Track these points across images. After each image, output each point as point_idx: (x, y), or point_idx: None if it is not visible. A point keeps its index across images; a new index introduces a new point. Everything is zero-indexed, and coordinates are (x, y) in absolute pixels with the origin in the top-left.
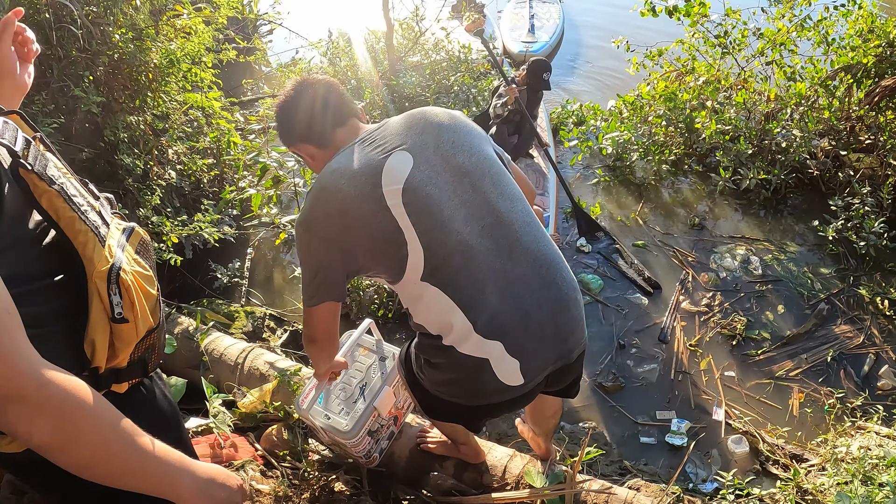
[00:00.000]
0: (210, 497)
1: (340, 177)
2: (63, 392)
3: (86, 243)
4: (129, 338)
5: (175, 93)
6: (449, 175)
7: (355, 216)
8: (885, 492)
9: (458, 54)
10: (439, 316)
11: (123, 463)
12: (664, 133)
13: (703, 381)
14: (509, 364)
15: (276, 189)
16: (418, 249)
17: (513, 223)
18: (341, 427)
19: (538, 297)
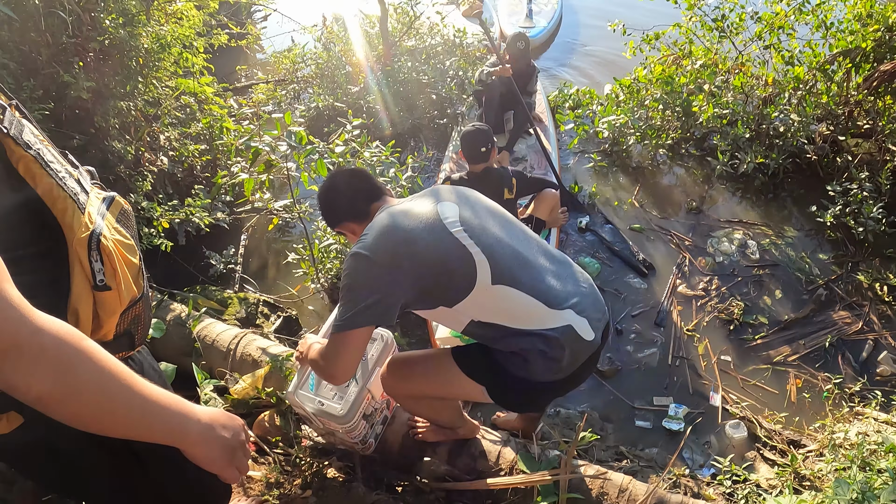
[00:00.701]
0: (215, 439)
1: (404, 217)
2: (59, 339)
3: (65, 210)
4: (113, 306)
5: (167, 78)
6: (485, 214)
7: (423, 245)
8: (883, 478)
9: (453, 38)
10: (519, 309)
11: (127, 412)
12: (661, 117)
13: (702, 366)
14: (583, 323)
15: (269, 174)
16: (485, 261)
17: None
18: (336, 412)
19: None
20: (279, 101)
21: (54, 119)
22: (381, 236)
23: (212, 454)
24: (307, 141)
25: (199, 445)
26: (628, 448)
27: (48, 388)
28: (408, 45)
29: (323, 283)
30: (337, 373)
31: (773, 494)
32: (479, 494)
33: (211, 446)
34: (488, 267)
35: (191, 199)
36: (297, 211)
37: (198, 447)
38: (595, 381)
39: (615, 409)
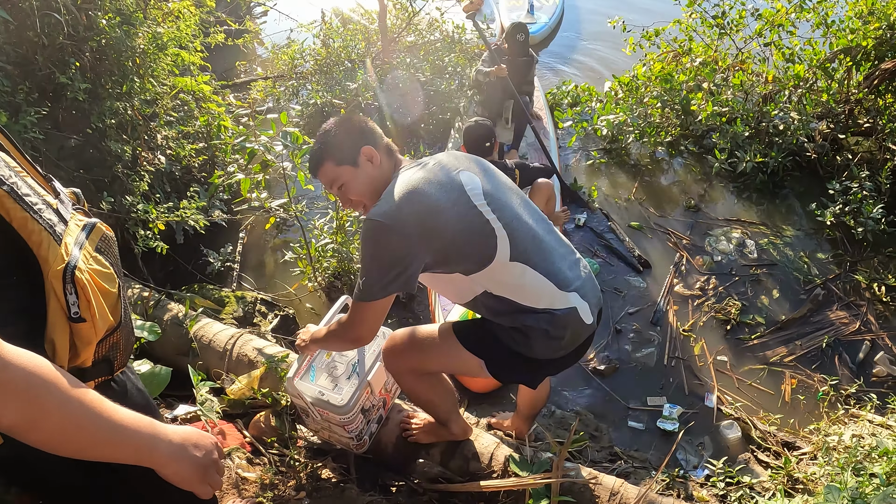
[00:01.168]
0: (186, 459)
1: (427, 184)
2: (26, 371)
3: (40, 243)
4: (89, 337)
5: (164, 77)
6: (505, 189)
7: (447, 216)
8: (875, 483)
9: (452, 34)
10: (531, 287)
11: (94, 435)
12: (660, 115)
13: (699, 366)
14: (585, 307)
15: (265, 173)
16: (505, 237)
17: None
18: (336, 402)
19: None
20: (278, 98)
21: (51, 120)
22: (404, 205)
23: (183, 473)
24: (302, 141)
25: (170, 465)
26: (622, 449)
27: (15, 418)
28: (407, 42)
29: (320, 281)
30: (362, 335)
31: (765, 497)
32: (472, 496)
33: (182, 465)
34: (508, 243)
35: (186, 201)
36: (293, 210)
37: (169, 467)
38: (591, 381)
39: (610, 410)
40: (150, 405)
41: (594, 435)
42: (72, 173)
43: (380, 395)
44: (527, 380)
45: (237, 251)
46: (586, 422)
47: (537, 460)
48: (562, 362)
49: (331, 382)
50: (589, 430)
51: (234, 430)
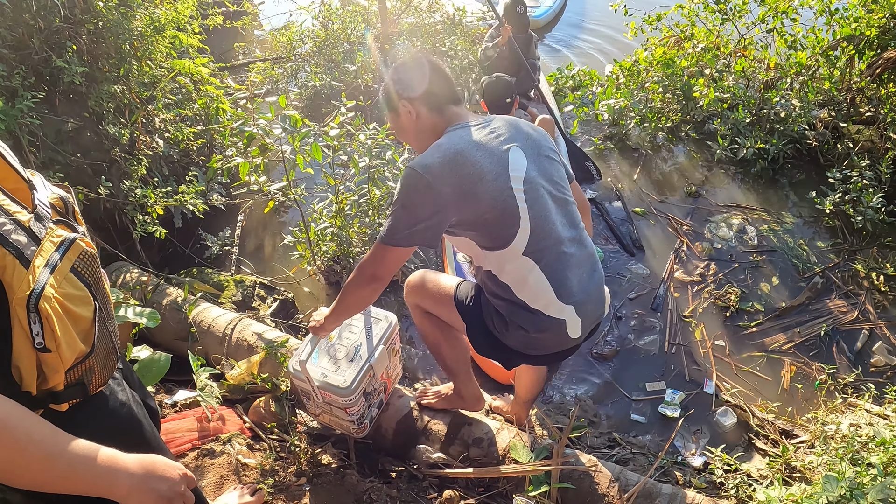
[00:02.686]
0: (149, 490)
1: (476, 149)
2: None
3: (4, 267)
4: (55, 366)
5: (161, 59)
6: (547, 177)
7: (487, 187)
8: (873, 473)
9: (453, 16)
10: (532, 285)
11: (46, 471)
12: (661, 100)
13: (700, 353)
14: (576, 323)
15: (264, 157)
16: (527, 230)
17: (580, 226)
18: (339, 384)
19: (591, 278)
20: (276, 80)
21: (48, 104)
22: (447, 163)
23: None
24: (301, 124)
25: (130, 497)
26: (621, 435)
27: None
28: (407, 23)
29: (319, 265)
30: (380, 274)
31: (763, 485)
32: (472, 481)
33: (144, 497)
34: (528, 236)
35: (185, 185)
36: (292, 193)
37: (129, 498)
38: (591, 366)
39: (610, 395)
40: (132, 419)
41: (593, 421)
42: (69, 157)
43: (381, 378)
44: (500, 360)
45: (236, 235)
46: (585, 407)
47: (537, 447)
48: (536, 360)
49: (333, 365)
50: (588, 415)
51: (233, 415)
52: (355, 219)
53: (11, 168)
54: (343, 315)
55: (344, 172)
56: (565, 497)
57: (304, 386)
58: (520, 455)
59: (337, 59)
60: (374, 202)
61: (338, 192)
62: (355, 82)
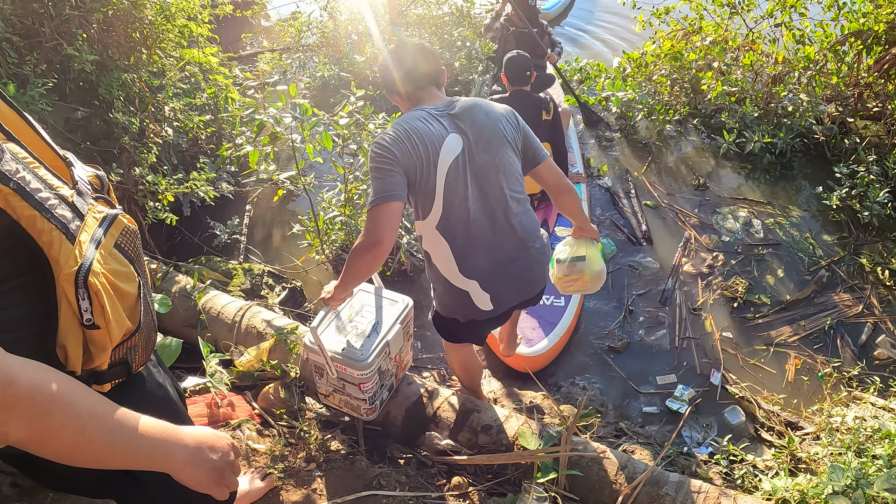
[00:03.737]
0: (203, 463)
1: (422, 126)
2: (33, 387)
3: (51, 242)
4: (103, 343)
5: (171, 48)
6: (479, 166)
7: (419, 159)
8: (878, 464)
9: (461, 7)
10: (441, 256)
11: (107, 447)
12: (669, 93)
13: (709, 345)
14: (483, 296)
15: (274, 146)
16: (440, 209)
17: (508, 209)
18: (356, 356)
19: (510, 263)
20: (284, 70)
21: (58, 92)
22: (394, 140)
23: (199, 477)
24: (311, 113)
25: (185, 470)
26: (628, 425)
27: (24, 435)
28: (415, 14)
29: (327, 254)
30: (381, 236)
31: (769, 476)
32: (480, 468)
33: (198, 470)
34: (440, 216)
35: (196, 172)
36: (301, 182)
37: (184, 472)
38: (600, 358)
39: (617, 386)
40: (169, 400)
41: (600, 410)
42: (78, 145)
43: (394, 360)
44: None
45: (244, 223)
46: (592, 397)
47: (546, 434)
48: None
49: (351, 339)
50: (595, 405)
51: (243, 401)
52: (364, 208)
53: (48, 145)
54: (351, 283)
55: (353, 161)
56: (573, 484)
57: (317, 359)
58: (528, 442)
59: (345, 49)
60: None
61: (347, 181)
62: (364, 73)
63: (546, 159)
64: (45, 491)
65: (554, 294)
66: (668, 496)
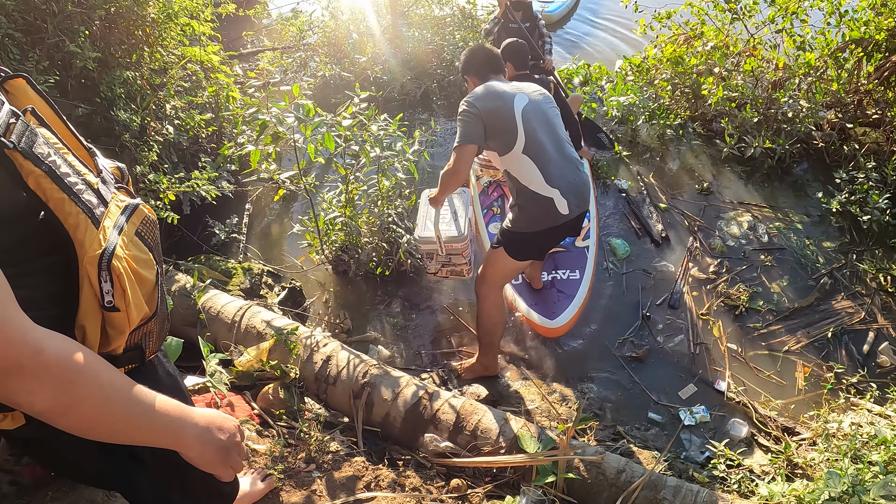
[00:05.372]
0: (211, 441)
1: (495, 88)
2: (59, 357)
3: (77, 225)
4: (122, 326)
5: (173, 46)
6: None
7: (500, 110)
8: (874, 470)
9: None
10: (529, 174)
11: (125, 420)
12: (669, 97)
13: (720, 350)
14: (562, 201)
15: (276, 146)
16: (523, 138)
17: (563, 142)
18: (457, 232)
19: (574, 175)
20: (286, 70)
21: (60, 89)
22: (481, 97)
23: (207, 456)
24: (315, 113)
25: (194, 448)
26: (626, 428)
27: (49, 403)
28: (418, 14)
29: (327, 254)
30: (462, 168)
31: (765, 481)
32: (479, 471)
33: (206, 448)
34: (524, 143)
35: (197, 171)
36: (303, 182)
37: (193, 449)
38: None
39: (616, 390)
40: (179, 388)
41: (598, 414)
42: None
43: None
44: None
45: (243, 223)
46: (591, 401)
47: (545, 437)
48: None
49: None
50: (593, 408)
51: (242, 401)
52: (365, 209)
53: (73, 134)
54: (444, 195)
55: (354, 163)
56: (572, 487)
57: (430, 248)
58: (527, 445)
59: (346, 49)
60: (383, 193)
61: (348, 182)
62: (365, 73)
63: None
64: (45, 490)
65: (569, 267)
66: (666, 500)
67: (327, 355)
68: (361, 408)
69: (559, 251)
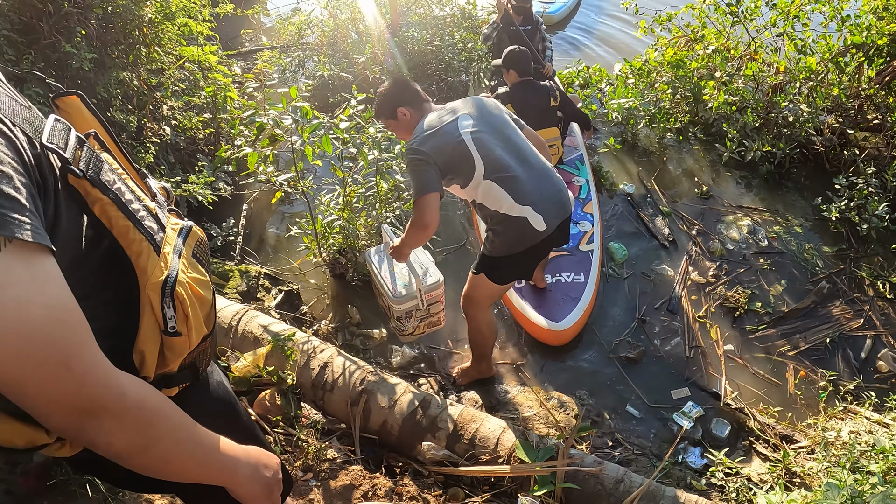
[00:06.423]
0: (259, 479)
1: (437, 121)
2: (139, 400)
3: (140, 253)
4: (182, 349)
5: (170, 47)
6: (491, 128)
7: (448, 144)
8: (873, 480)
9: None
10: (497, 197)
11: (191, 460)
12: (670, 100)
13: (716, 354)
14: (536, 217)
15: (273, 148)
16: (481, 164)
17: (525, 150)
18: (434, 280)
19: (545, 184)
20: (284, 69)
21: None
22: (421, 135)
23: (255, 492)
24: (312, 116)
25: (245, 486)
26: (624, 436)
27: (126, 445)
28: (417, 15)
29: (324, 257)
30: (428, 220)
31: (763, 489)
32: (477, 479)
33: (254, 486)
34: (483, 168)
35: (194, 175)
36: (300, 185)
37: (244, 487)
38: (602, 368)
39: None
40: (231, 398)
41: (596, 421)
42: None
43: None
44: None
45: (240, 225)
46: (589, 408)
47: (543, 447)
48: (527, 257)
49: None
50: (591, 415)
51: None
52: (362, 212)
53: (123, 154)
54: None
55: (352, 165)
56: (569, 497)
57: (410, 305)
58: (525, 455)
59: (345, 49)
60: (381, 195)
61: (346, 185)
62: (364, 73)
63: (524, 127)
64: (40, 499)
65: (574, 271)
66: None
67: (324, 361)
68: (359, 415)
69: (563, 255)
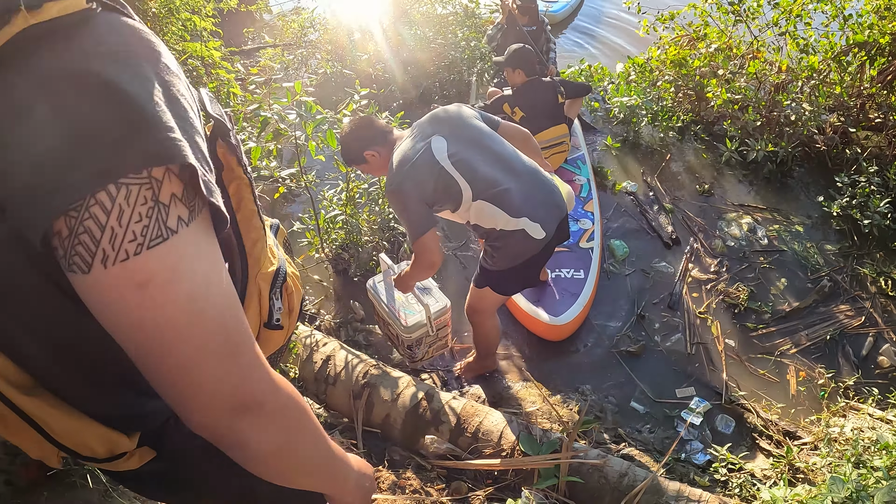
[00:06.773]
0: (362, 487)
1: (411, 152)
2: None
3: (256, 241)
4: (277, 343)
5: (174, 42)
6: (467, 143)
7: (429, 175)
8: (877, 476)
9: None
10: (492, 216)
11: (323, 465)
12: (672, 99)
13: (718, 350)
14: (534, 226)
15: (277, 142)
16: (467, 186)
17: (509, 158)
18: (440, 307)
19: (536, 189)
20: (287, 66)
21: None
22: (403, 178)
23: (356, 500)
24: (316, 110)
25: (351, 494)
26: (627, 431)
27: (276, 445)
28: (419, 13)
29: (327, 252)
30: (432, 260)
31: (766, 485)
32: (480, 473)
33: (358, 494)
34: (471, 189)
35: None
36: (303, 180)
37: (351, 495)
38: (604, 363)
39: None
40: None
41: (599, 416)
42: None
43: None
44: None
45: None
46: (593, 403)
47: (546, 440)
48: (529, 266)
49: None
50: (595, 410)
51: None
52: (365, 207)
53: None
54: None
55: None
56: (573, 491)
57: (421, 332)
58: (529, 448)
59: (348, 47)
60: (384, 191)
61: (349, 180)
62: (366, 71)
63: (500, 123)
64: (40, 489)
65: (573, 267)
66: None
67: (327, 355)
68: (361, 409)
69: (563, 251)
